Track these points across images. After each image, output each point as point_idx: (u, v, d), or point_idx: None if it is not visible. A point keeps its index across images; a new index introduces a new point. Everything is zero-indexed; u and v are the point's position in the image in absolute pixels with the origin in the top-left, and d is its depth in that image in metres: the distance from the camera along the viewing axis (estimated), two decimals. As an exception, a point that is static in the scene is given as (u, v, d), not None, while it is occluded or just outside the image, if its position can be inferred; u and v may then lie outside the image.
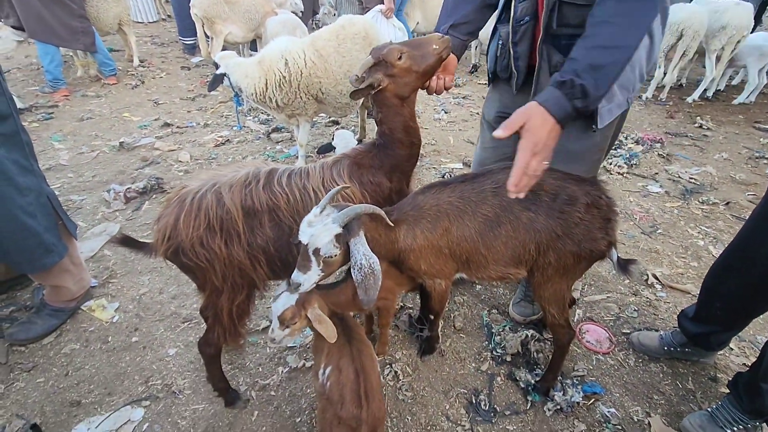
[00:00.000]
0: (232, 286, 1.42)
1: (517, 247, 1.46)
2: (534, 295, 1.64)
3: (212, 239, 1.33)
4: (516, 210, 1.42)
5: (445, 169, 3.65)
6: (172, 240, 1.32)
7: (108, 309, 2.18)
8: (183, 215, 1.31)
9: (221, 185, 1.37)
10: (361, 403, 1.23)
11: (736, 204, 3.28)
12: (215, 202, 1.33)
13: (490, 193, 1.44)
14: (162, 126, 4.40)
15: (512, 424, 1.69)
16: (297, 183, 1.44)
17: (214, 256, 1.34)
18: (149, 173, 3.45)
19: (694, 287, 2.41)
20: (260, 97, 2.98)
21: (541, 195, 1.41)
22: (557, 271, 1.48)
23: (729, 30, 5.08)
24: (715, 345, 1.84)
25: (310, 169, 1.50)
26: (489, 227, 1.45)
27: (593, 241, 1.42)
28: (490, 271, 1.55)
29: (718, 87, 6.10)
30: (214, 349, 1.58)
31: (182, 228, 1.31)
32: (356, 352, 1.36)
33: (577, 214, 1.40)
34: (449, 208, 1.45)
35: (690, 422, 1.64)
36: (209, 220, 1.32)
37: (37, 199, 1.82)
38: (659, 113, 5.35)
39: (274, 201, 1.39)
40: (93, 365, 1.90)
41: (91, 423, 1.65)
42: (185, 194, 1.36)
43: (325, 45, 3.05)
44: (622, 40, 1.14)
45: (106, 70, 5.48)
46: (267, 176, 1.42)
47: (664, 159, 4.07)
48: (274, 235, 1.41)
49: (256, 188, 1.38)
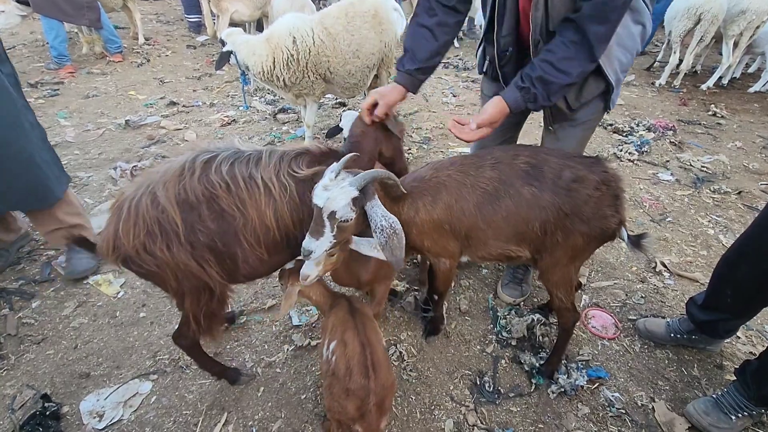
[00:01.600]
0: (190, 289, 1.34)
1: (519, 223, 1.44)
2: (541, 278, 1.63)
3: (154, 244, 1.24)
4: (517, 184, 1.41)
5: (453, 153, 3.61)
6: (117, 250, 1.26)
7: (114, 284, 2.20)
8: (122, 224, 1.24)
9: (155, 184, 1.28)
10: (368, 374, 1.24)
11: (749, 193, 3.22)
12: (150, 204, 1.24)
13: (489, 167, 1.44)
14: (168, 105, 4.37)
15: (516, 406, 1.70)
16: (242, 171, 1.33)
17: (162, 261, 1.26)
18: (155, 152, 3.43)
19: (702, 276, 2.39)
20: (267, 75, 2.93)
21: (544, 171, 1.40)
22: (566, 253, 1.47)
23: (749, 15, 4.92)
24: (722, 333, 1.83)
25: (263, 157, 1.39)
26: (488, 201, 1.43)
27: (603, 219, 1.40)
28: (490, 248, 1.53)
29: (733, 74, 5.95)
30: (190, 341, 1.53)
31: (123, 237, 1.24)
32: (360, 326, 1.37)
33: (586, 191, 1.38)
34: (448, 181, 1.45)
35: (694, 408, 1.64)
36: (147, 224, 1.24)
37: (42, 133, 2.03)
38: (672, 100, 5.24)
39: (211, 190, 1.28)
40: (101, 339, 1.92)
41: (100, 394, 1.68)
42: (122, 201, 1.28)
43: (334, 23, 2.99)
44: (568, 67, 1.37)
45: (112, 47, 5.42)
46: (203, 165, 1.31)
47: (676, 147, 3.99)
48: (217, 227, 1.30)
49: (190, 179, 1.28)
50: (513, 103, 1.44)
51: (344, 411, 1.24)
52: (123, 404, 1.65)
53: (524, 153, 1.46)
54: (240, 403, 1.67)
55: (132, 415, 1.62)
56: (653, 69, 6.51)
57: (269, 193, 1.33)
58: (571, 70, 1.37)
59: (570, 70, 1.37)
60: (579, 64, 1.37)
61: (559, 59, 1.36)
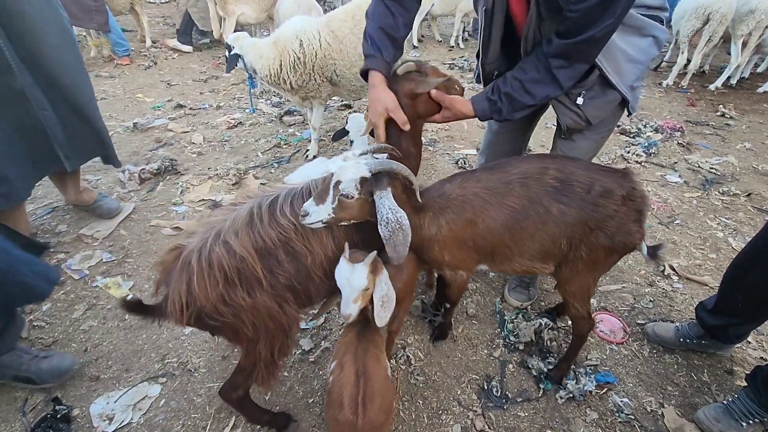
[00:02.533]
0: (266, 332, 1.32)
1: (545, 241, 1.42)
2: (559, 288, 1.62)
3: (234, 293, 1.22)
4: (545, 202, 1.37)
5: (459, 156, 3.60)
6: (191, 307, 1.21)
7: (123, 287, 2.21)
8: (195, 278, 1.19)
9: (224, 233, 1.26)
10: (357, 411, 1.16)
11: (758, 195, 3.19)
12: (226, 253, 1.22)
13: (517, 183, 1.40)
14: (175, 107, 4.41)
15: (524, 411, 1.70)
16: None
17: (240, 309, 1.24)
18: (163, 154, 3.46)
19: (712, 279, 2.37)
20: (274, 78, 2.95)
21: (573, 186, 1.36)
22: (587, 266, 1.45)
23: (758, 14, 4.87)
24: (733, 337, 1.81)
25: (312, 188, 1.39)
26: (515, 219, 1.40)
27: (628, 234, 1.38)
28: (515, 265, 1.52)
29: (742, 74, 5.89)
30: (243, 392, 1.45)
31: (198, 291, 1.19)
32: (361, 351, 1.28)
33: (613, 206, 1.35)
34: (474, 200, 1.42)
35: (705, 414, 1.63)
36: (225, 274, 1.21)
37: None
38: (680, 101, 5.20)
39: (285, 234, 1.29)
40: (111, 342, 1.94)
41: (110, 397, 1.70)
42: (189, 255, 1.24)
43: (341, 26, 2.99)
44: (534, 89, 1.41)
45: (120, 50, 5.47)
46: (269, 210, 1.32)
47: (684, 148, 3.96)
48: (293, 269, 1.31)
49: (262, 227, 1.28)
50: (480, 111, 1.51)
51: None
52: (132, 407, 1.67)
53: (552, 166, 1.41)
54: (248, 407, 1.68)
55: (141, 418, 1.64)
56: (660, 69, 6.46)
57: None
58: (536, 92, 1.41)
59: (536, 92, 1.41)
60: (545, 88, 1.40)
61: (528, 80, 1.40)
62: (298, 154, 3.59)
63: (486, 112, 1.50)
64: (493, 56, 1.59)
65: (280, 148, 3.71)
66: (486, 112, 1.50)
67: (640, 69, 1.53)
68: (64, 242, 2.48)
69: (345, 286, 1.25)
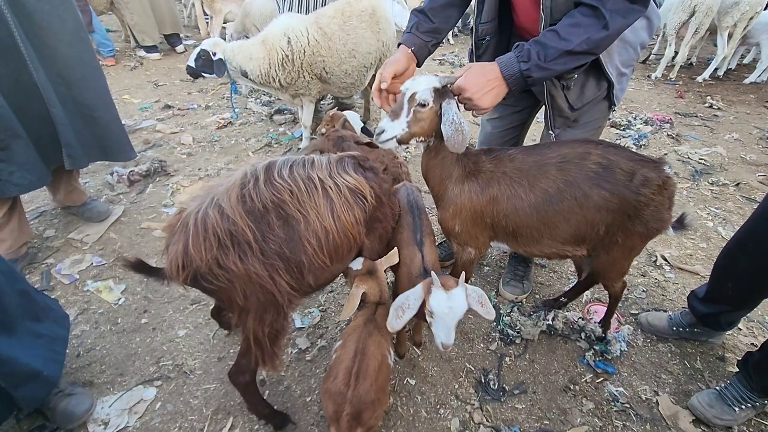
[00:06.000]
0: (256, 305, 1.31)
1: (581, 224, 1.44)
2: (595, 273, 1.68)
3: (227, 257, 1.21)
4: (585, 186, 1.38)
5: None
6: (188, 268, 1.22)
7: (114, 291, 2.18)
8: (191, 240, 1.20)
9: (218, 196, 1.25)
10: (349, 382, 1.23)
11: (747, 185, 3.24)
12: (219, 216, 1.21)
13: (553, 167, 1.41)
14: (163, 108, 4.35)
15: (521, 403, 1.71)
16: (300, 173, 1.34)
17: (233, 275, 1.23)
18: (152, 156, 3.42)
19: (703, 268, 2.40)
20: (264, 77, 2.92)
21: (616, 173, 1.38)
22: (623, 252, 1.50)
23: (742, 6, 4.94)
24: (724, 325, 1.84)
25: (315, 159, 1.42)
26: (548, 202, 1.42)
27: (661, 222, 1.42)
28: (543, 247, 1.54)
29: (729, 66, 5.97)
30: (249, 376, 1.46)
31: (194, 253, 1.19)
32: (365, 334, 1.36)
33: (651, 195, 1.38)
34: (503, 178, 1.44)
35: (698, 400, 1.65)
36: (219, 237, 1.20)
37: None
38: (668, 93, 5.26)
39: (278, 196, 1.27)
40: (104, 346, 1.91)
41: (105, 402, 1.67)
42: (187, 217, 1.25)
43: (330, 22, 2.98)
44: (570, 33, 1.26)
45: (105, 50, 5.38)
46: (265, 171, 1.31)
47: (674, 140, 4.00)
48: (285, 235, 1.29)
49: (255, 187, 1.27)
50: (505, 67, 1.31)
51: (325, 409, 1.27)
52: (128, 411, 1.65)
53: (594, 151, 1.41)
54: (245, 408, 1.66)
55: (137, 422, 1.62)
56: (649, 62, 6.53)
57: (326, 194, 1.34)
58: (573, 37, 1.26)
59: (571, 37, 1.26)
60: (585, 31, 1.26)
61: (563, 26, 1.27)
62: (289, 154, 3.57)
63: (512, 62, 1.30)
64: (488, 14, 1.53)
65: (271, 148, 3.68)
66: (512, 63, 1.30)
67: (630, 53, 1.52)
68: (53, 247, 2.44)
69: (448, 315, 1.24)
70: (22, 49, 1.88)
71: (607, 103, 1.63)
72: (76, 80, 2.13)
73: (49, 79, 2.02)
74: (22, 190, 2.06)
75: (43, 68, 1.98)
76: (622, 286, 1.74)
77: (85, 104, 2.21)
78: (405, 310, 1.28)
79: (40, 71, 1.97)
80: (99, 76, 2.29)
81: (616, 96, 1.59)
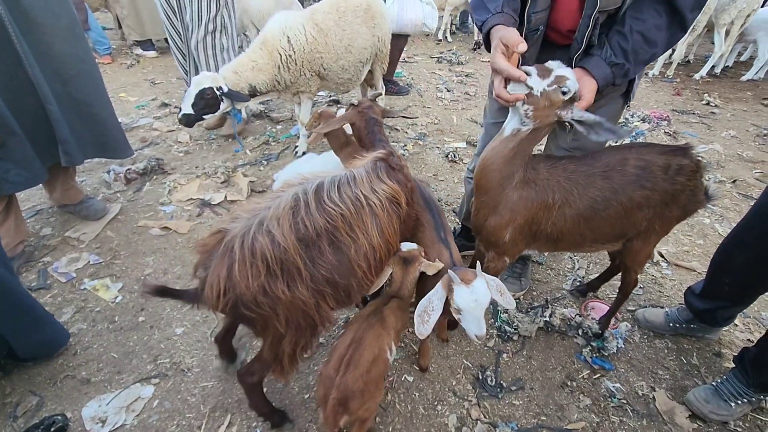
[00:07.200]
0: (296, 329, 1.27)
1: (625, 225, 1.50)
2: (624, 259, 1.69)
3: (275, 285, 1.16)
4: (629, 191, 1.44)
5: (449, 149, 3.59)
6: (229, 294, 1.16)
7: (111, 289, 2.18)
8: (237, 265, 1.14)
9: (267, 220, 1.20)
10: (338, 369, 1.25)
11: (743, 182, 3.25)
12: (270, 243, 1.15)
13: (599, 176, 1.46)
14: (159, 106, 4.33)
15: (518, 399, 1.71)
16: (348, 194, 1.30)
17: (278, 302, 1.18)
18: (149, 154, 3.41)
19: (699, 265, 2.41)
20: (272, 84, 2.90)
21: (653, 170, 1.43)
22: (658, 237, 1.57)
23: (739, 3, 4.94)
24: (721, 321, 1.84)
25: (356, 174, 1.37)
26: (594, 210, 1.47)
27: (698, 203, 1.49)
28: (583, 249, 1.61)
29: (726, 63, 5.98)
30: (258, 378, 1.44)
31: (239, 279, 1.13)
32: (366, 325, 1.37)
33: (686, 180, 1.43)
34: (557, 187, 1.46)
35: (695, 396, 1.66)
36: (268, 264, 1.15)
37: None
38: (666, 90, 5.27)
39: (332, 222, 1.23)
40: (101, 345, 1.91)
41: (102, 400, 1.67)
42: (231, 240, 1.18)
43: (325, 18, 2.96)
44: (657, 37, 1.27)
45: (101, 48, 5.35)
46: (315, 195, 1.26)
47: (671, 137, 4.01)
48: (335, 259, 1.24)
49: (307, 213, 1.22)
50: (602, 80, 1.34)
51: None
52: (125, 409, 1.65)
53: (632, 156, 1.46)
54: (243, 405, 1.67)
55: (135, 419, 1.62)
56: (646, 59, 6.52)
57: (372, 211, 1.31)
58: (659, 40, 1.25)
59: (658, 40, 1.25)
60: (669, 35, 1.25)
61: (649, 29, 1.24)
62: (287, 151, 3.56)
63: (608, 78, 1.34)
64: (544, 2, 1.43)
65: (269, 146, 3.67)
66: (608, 79, 1.34)
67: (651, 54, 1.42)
68: (49, 245, 2.43)
69: (475, 309, 1.26)
70: (17, 46, 1.88)
71: (623, 100, 1.64)
72: (71, 77, 2.12)
73: (44, 76, 2.01)
74: (18, 187, 2.05)
75: (38, 65, 1.97)
76: (635, 284, 1.79)
77: (81, 101, 2.20)
78: (430, 312, 1.28)
79: (36, 68, 1.96)
80: (95, 72, 2.28)
81: (633, 92, 1.61)
